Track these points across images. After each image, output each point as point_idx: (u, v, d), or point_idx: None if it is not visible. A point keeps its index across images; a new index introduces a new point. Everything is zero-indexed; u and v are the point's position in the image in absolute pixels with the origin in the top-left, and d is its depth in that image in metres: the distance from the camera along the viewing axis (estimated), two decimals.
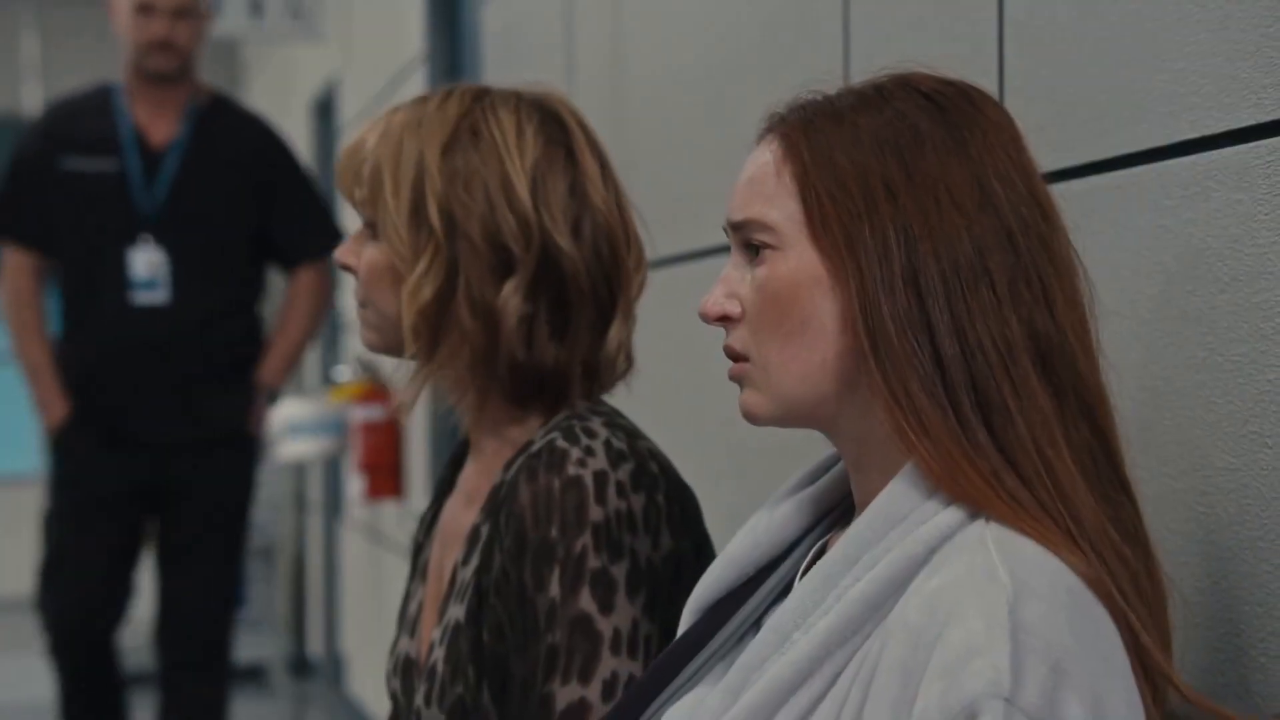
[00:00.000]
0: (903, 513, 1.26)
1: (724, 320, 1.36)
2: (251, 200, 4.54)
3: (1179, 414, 1.51)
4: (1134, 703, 1.19)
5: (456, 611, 1.68)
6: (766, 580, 1.41)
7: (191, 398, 4.42)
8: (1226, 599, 1.46)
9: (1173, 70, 1.55)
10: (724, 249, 2.64)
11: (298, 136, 6.78)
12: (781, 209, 1.32)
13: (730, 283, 1.36)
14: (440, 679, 1.67)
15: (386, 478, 5.54)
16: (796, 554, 1.42)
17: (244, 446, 4.63)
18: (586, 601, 1.57)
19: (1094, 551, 1.23)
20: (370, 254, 1.74)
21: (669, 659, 1.43)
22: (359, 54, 6.44)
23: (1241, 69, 1.46)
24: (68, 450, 4.46)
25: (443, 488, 1.91)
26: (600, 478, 1.60)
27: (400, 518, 5.67)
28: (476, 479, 1.78)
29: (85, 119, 4.49)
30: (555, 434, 1.65)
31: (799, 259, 1.30)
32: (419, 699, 1.70)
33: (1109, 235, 1.59)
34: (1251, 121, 1.44)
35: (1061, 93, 1.70)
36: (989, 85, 1.77)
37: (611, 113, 3.21)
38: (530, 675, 1.59)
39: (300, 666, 7.72)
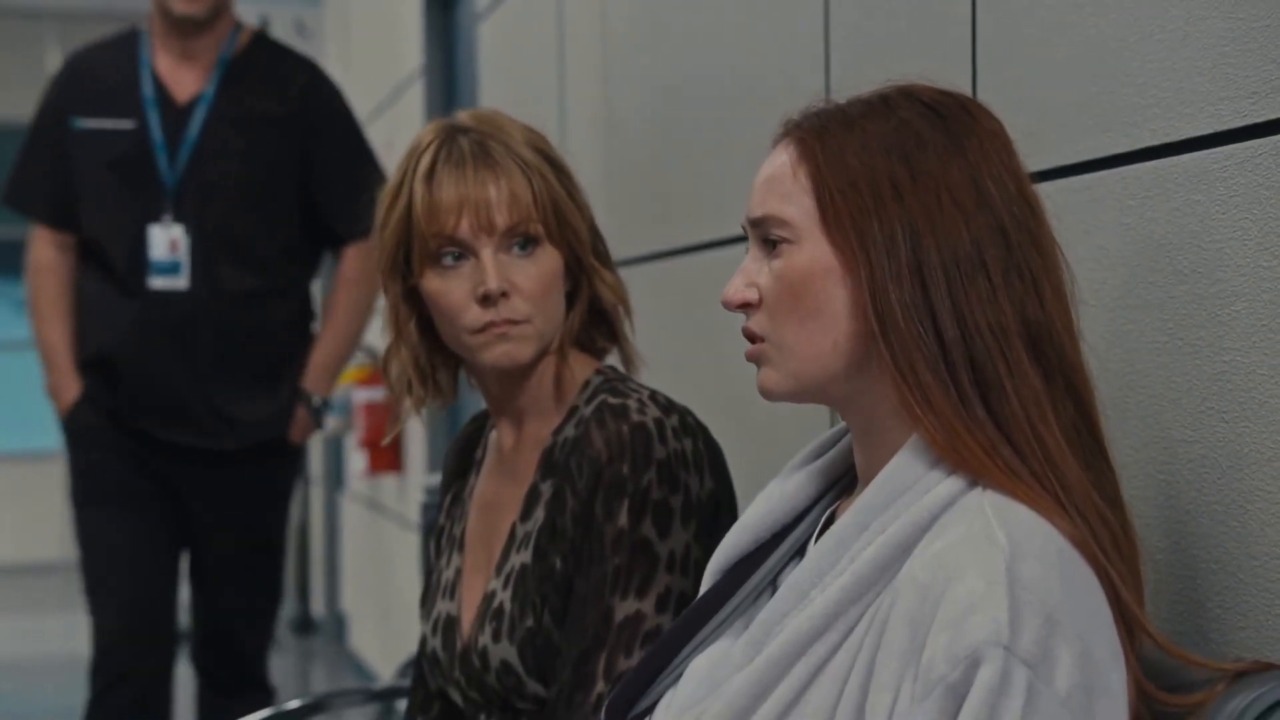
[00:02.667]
0: (908, 482, 1.28)
1: (744, 306, 1.37)
2: (293, 163, 3.46)
3: (1141, 392, 1.53)
4: (1115, 650, 1.21)
5: (521, 558, 1.73)
6: (780, 544, 1.43)
7: (217, 401, 3.40)
8: (1185, 557, 1.48)
9: (1135, 84, 1.56)
10: (705, 245, 2.68)
11: None
12: (797, 206, 1.33)
13: (749, 273, 1.37)
14: (509, 616, 1.71)
15: (387, 454, 5.55)
16: (808, 520, 1.43)
17: (282, 459, 3.57)
18: (648, 528, 1.65)
19: (1080, 515, 1.25)
20: None
21: (694, 614, 1.44)
22: (358, 68, 6.42)
23: (1199, 83, 1.47)
24: (80, 433, 3.50)
25: (460, 470, 1.93)
26: (659, 423, 1.69)
27: (399, 490, 5.66)
28: (519, 456, 1.81)
29: (105, 71, 3.48)
30: (602, 394, 1.74)
31: (813, 251, 1.32)
32: (485, 639, 1.72)
33: (1076, 232, 1.60)
34: (1209, 130, 1.45)
35: (1030, 104, 1.71)
36: None
37: (603, 121, 3.21)
38: (593, 593, 1.65)
39: (305, 625, 7.70)
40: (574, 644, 1.65)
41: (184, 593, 3.58)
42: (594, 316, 1.82)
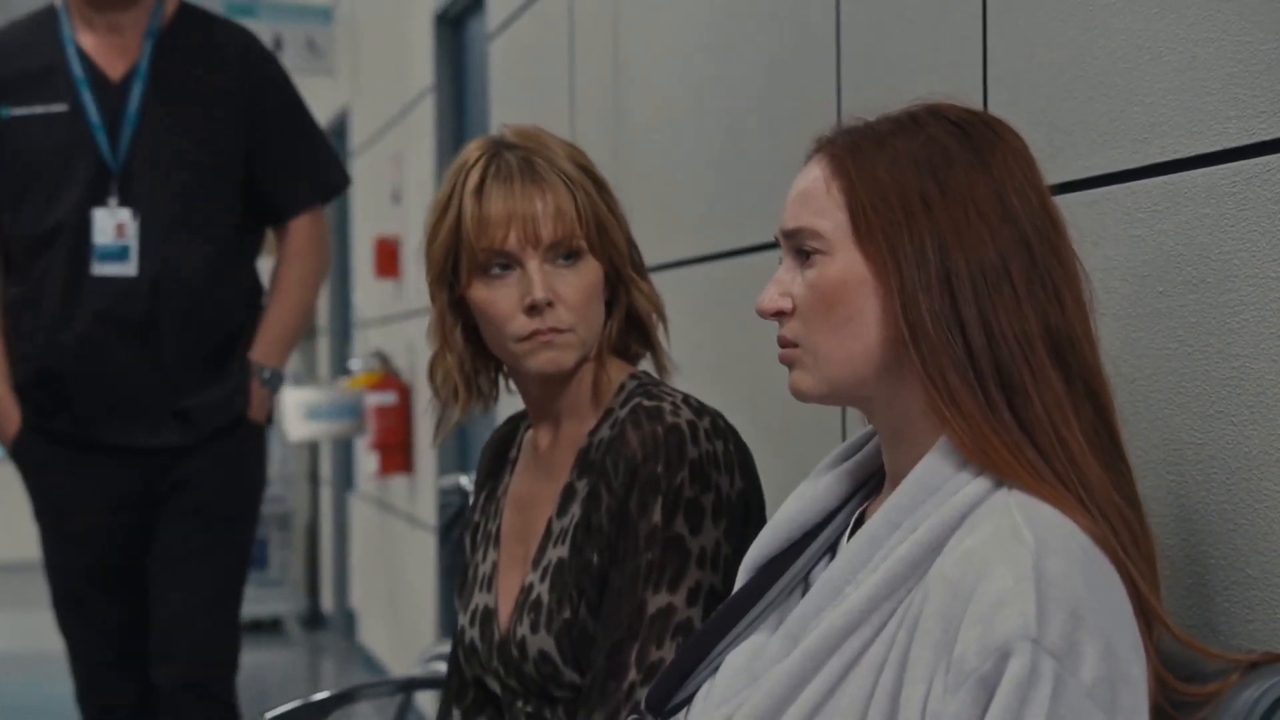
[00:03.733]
0: (938, 482, 1.29)
1: (778, 314, 1.38)
2: (239, 136, 3.11)
3: (1151, 397, 1.54)
4: (1136, 642, 1.22)
5: (557, 552, 1.75)
6: (812, 543, 1.44)
7: (175, 391, 3.05)
8: (1195, 554, 1.49)
9: (1144, 104, 1.57)
10: (712, 257, 2.69)
11: None
12: (830, 219, 1.34)
13: (783, 283, 1.38)
14: (547, 608, 1.73)
15: (398, 455, 5.57)
16: (838, 520, 1.44)
17: (244, 436, 3.20)
18: (680, 525, 1.66)
19: (1101, 514, 1.26)
20: None
21: (728, 610, 1.45)
22: (368, 85, 6.43)
23: (1208, 102, 1.48)
24: (32, 467, 3.13)
25: (495, 469, 1.95)
26: (692, 425, 1.70)
27: (410, 490, 5.67)
28: (554, 455, 1.82)
29: (24, 54, 3.08)
30: (637, 398, 1.75)
31: (846, 262, 1.33)
32: (523, 629, 1.74)
33: (1087, 243, 1.60)
34: (1218, 147, 1.47)
35: (1040, 122, 1.72)
36: None
37: (612, 136, 3.22)
38: (627, 585, 1.67)
39: (314, 620, 7.71)
40: (608, 635, 1.67)
41: None
42: (629, 324, 1.83)
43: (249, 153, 3.12)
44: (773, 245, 2.38)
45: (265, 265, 3.29)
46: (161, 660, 3.13)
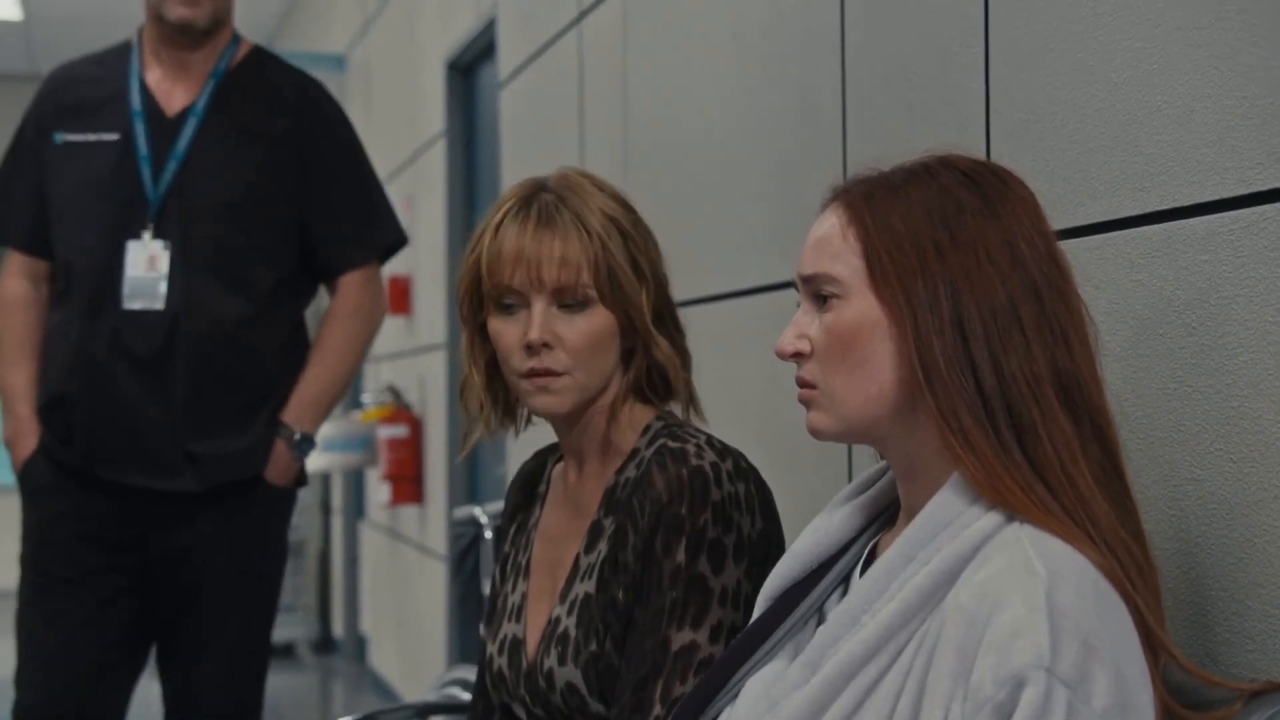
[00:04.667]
0: (950, 517, 1.30)
1: (796, 356, 1.39)
2: (290, 184, 2.92)
3: (1151, 434, 1.55)
4: (1143, 671, 1.23)
5: (584, 587, 1.74)
6: (827, 574, 1.44)
7: (185, 433, 2.80)
8: (1196, 585, 1.49)
9: (1143, 154, 1.58)
10: (715, 298, 2.69)
11: None
12: (847, 264, 1.35)
13: (801, 325, 1.39)
14: (574, 641, 1.73)
15: (409, 486, 5.57)
16: (852, 552, 1.45)
17: (263, 499, 2.90)
18: (703, 565, 1.66)
19: (1108, 547, 1.27)
20: None
21: (747, 638, 1.46)
22: (380, 130, 6.44)
23: (1205, 154, 1.49)
24: (35, 493, 2.90)
25: (524, 502, 1.95)
26: (715, 467, 1.69)
27: (420, 520, 5.66)
28: (582, 492, 1.83)
29: (91, 84, 2.96)
30: (662, 439, 1.74)
31: (862, 306, 1.34)
32: (551, 661, 1.74)
33: (1090, 287, 1.61)
34: (1215, 197, 1.48)
35: (1042, 173, 1.73)
36: None
37: (622, 180, 3.21)
38: (651, 623, 1.66)
39: (326, 645, 7.69)
40: (633, 670, 1.66)
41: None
42: (654, 370, 1.82)
43: (302, 204, 2.93)
44: (779, 285, 2.40)
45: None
46: None
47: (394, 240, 3.12)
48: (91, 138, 2.89)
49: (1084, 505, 1.27)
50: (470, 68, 5.08)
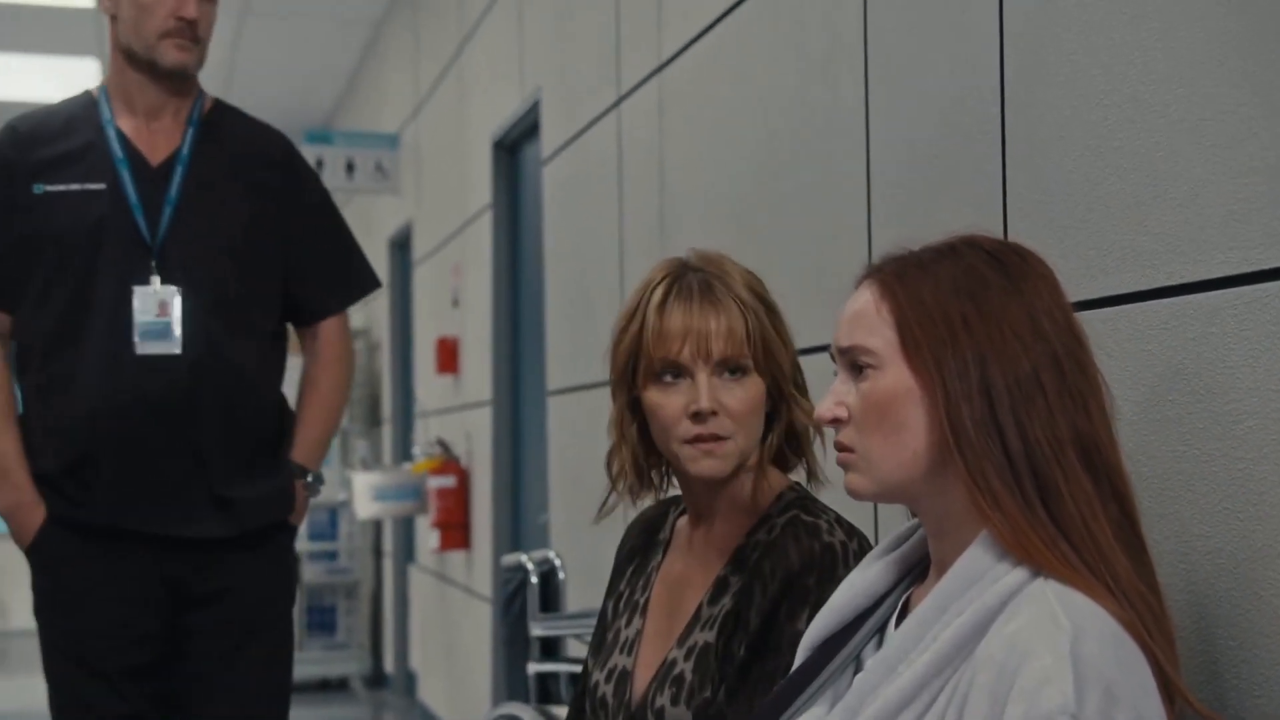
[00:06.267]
0: (980, 572, 1.30)
1: (835, 422, 1.39)
2: (274, 233, 2.80)
3: (1164, 495, 1.54)
4: (1161, 715, 1.23)
5: (705, 636, 1.74)
6: (863, 625, 1.44)
7: (213, 478, 2.68)
8: (1206, 635, 1.49)
9: (1151, 233, 1.59)
10: None
11: (379, 267, 6.75)
12: (881, 337, 1.36)
13: (838, 394, 1.39)
14: (689, 685, 1.72)
15: (456, 533, 5.57)
16: (886, 604, 1.45)
17: (286, 541, 2.84)
18: None
19: (1127, 600, 1.26)
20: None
21: (790, 685, 1.46)
22: (429, 203, 6.49)
23: (1210, 234, 1.50)
24: (50, 563, 2.68)
25: (644, 546, 1.94)
26: (844, 546, 1.70)
27: (467, 565, 5.66)
28: (709, 546, 1.82)
29: (62, 135, 2.75)
30: (795, 510, 1.75)
31: (895, 375, 1.34)
32: (663, 700, 1.73)
33: (1103, 355, 1.61)
34: (1221, 274, 1.48)
35: (1055, 249, 1.73)
36: None
37: (659, 253, 3.24)
38: (765, 679, 1.65)
39: (377, 679, 7.68)
40: None
41: None
42: (787, 435, 1.82)
43: (285, 251, 2.81)
44: (802, 352, 2.41)
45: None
46: None
47: (369, 284, 3.01)
48: (75, 187, 2.69)
49: (1104, 560, 1.27)
50: (515, 146, 5.11)
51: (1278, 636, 1.39)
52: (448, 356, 5.78)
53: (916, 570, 1.45)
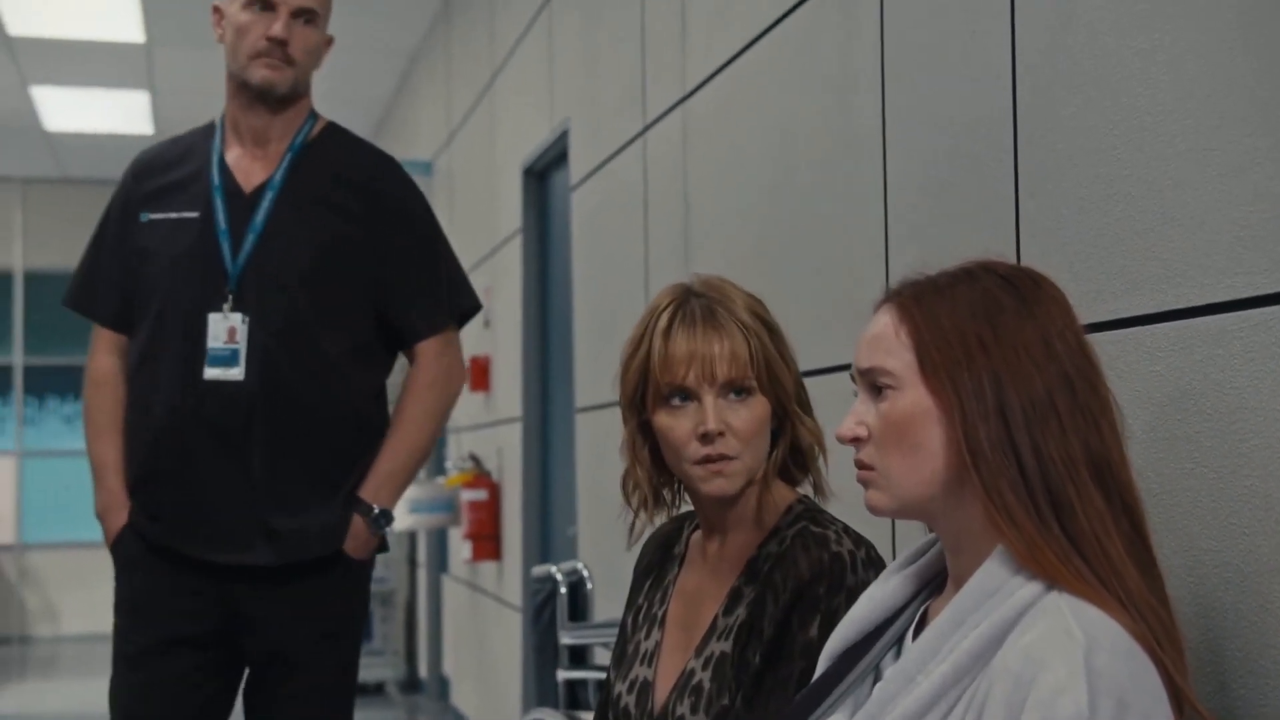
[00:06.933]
0: (995, 586, 1.29)
1: (855, 441, 1.39)
2: (365, 257, 2.71)
3: (1173, 511, 1.54)
4: None
5: (721, 646, 1.74)
6: (882, 636, 1.44)
7: (264, 507, 2.62)
8: (1214, 646, 1.48)
9: (1159, 259, 1.59)
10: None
11: None
12: (900, 359, 1.36)
13: (859, 413, 1.39)
14: (708, 693, 1.72)
15: (488, 545, 5.57)
16: (904, 616, 1.45)
17: (344, 574, 2.70)
18: None
19: (1138, 613, 1.26)
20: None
21: (812, 693, 1.46)
22: (462, 227, 6.50)
23: (1216, 260, 1.50)
24: (127, 564, 2.71)
25: (660, 560, 1.94)
26: (851, 555, 1.70)
27: (498, 575, 5.66)
28: (723, 559, 1.82)
29: (174, 165, 2.78)
30: (804, 522, 1.75)
31: (914, 396, 1.34)
32: (683, 709, 1.73)
33: (1113, 376, 1.61)
34: (1226, 298, 1.48)
35: (1066, 274, 1.73)
36: None
37: (680, 275, 3.24)
38: (779, 686, 1.66)
39: (412, 684, 7.68)
40: None
41: None
42: (793, 451, 1.82)
43: (375, 274, 2.71)
44: (821, 370, 2.41)
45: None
46: None
47: (468, 306, 2.86)
48: (174, 216, 2.71)
49: (1116, 575, 1.27)
50: (544, 173, 5.13)
51: None
52: (480, 375, 5.79)
53: (934, 583, 1.45)
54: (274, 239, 2.68)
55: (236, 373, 2.62)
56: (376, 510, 2.70)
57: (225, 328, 2.64)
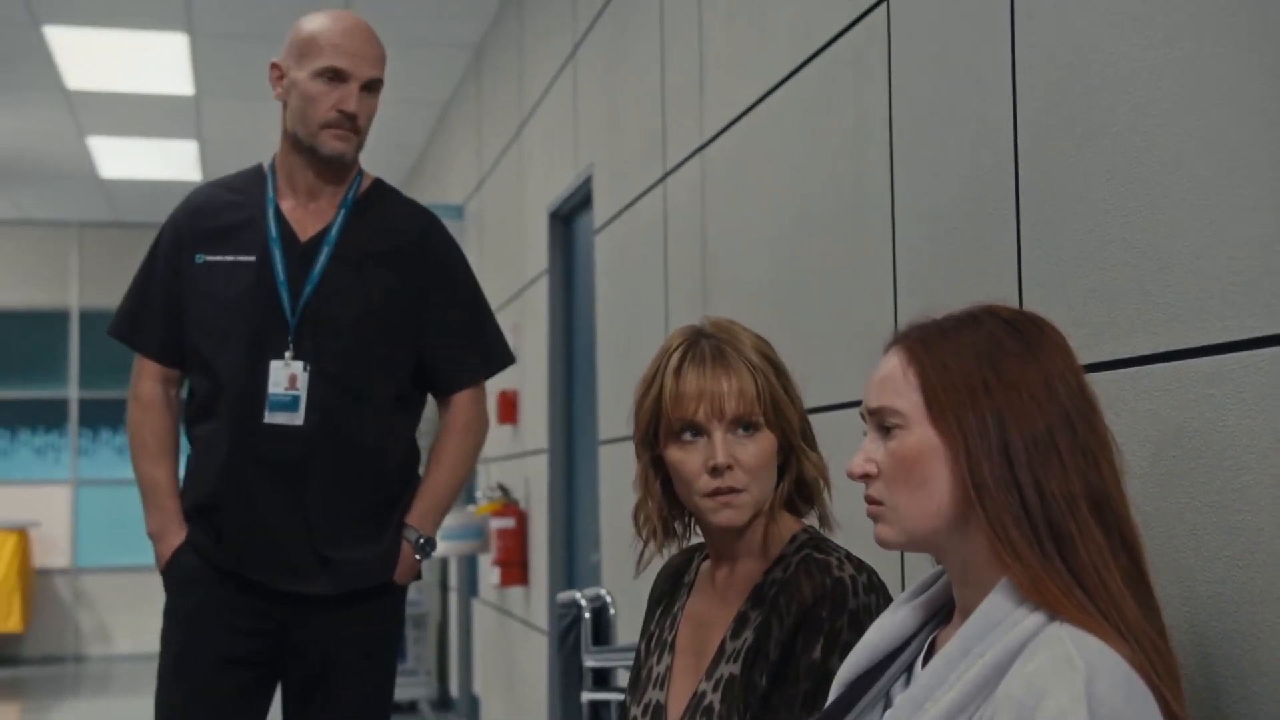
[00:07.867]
0: (1000, 616, 1.29)
1: (865, 477, 1.39)
2: (410, 310, 2.75)
3: (1169, 543, 1.53)
4: None
5: (730, 669, 1.73)
6: (892, 664, 1.43)
7: (320, 541, 2.66)
8: (1208, 674, 1.47)
9: (1155, 302, 1.58)
10: None
11: None
12: (907, 399, 1.36)
13: (868, 451, 1.39)
14: (718, 714, 1.72)
15: (516, 571, 5.56)
16: (914, 645, 1.44)
17: (391, 600, 2.77)
18: (835, 662, 1.63)
19: (1137, 644, 1.26)
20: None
21: (825, 718, 1.45)
22: (491, 267, 6.52)
23: (1210, 304, 1.49)
24: (182, 582, 2.71)
25: (672, 589, 1.94)
26: (853, 580, 1.70)
27: (526, 600, 5.65)
28: (730, 586, 1.82)
29: (228, 208, 2.77)
30: (808, 549, 1.75)
31: (921, 434, 1.34)
32: None
33: (1111, 415, 1.60)
34: (1219, 340, 1.48)
35: (1065, 318, 1.73)
36: None
37: (701, 315, 3.24)
38: (784, 706, 1.66)
39: (443, 703, 7.66)
40: None
41: None
42: (798, 484, 1.82)
43: (420, 326, 2.76)
44: (828, 407, 2.41)
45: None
46: None
47: (503, 359, 2.94)
48: (229, 259, 2.71)
49: (1116, 606, 1.27)
50: (569, 216, 5.15)
51: (1275, 675, 1.38)
52: (508, 408, 5.79)
53: (941, 613, 1.44)
54: (330, 290, 2.70)
55: (297, 418, 2.65)
56: (423, 538, 2.76)
57: (286, 375, 2.66)
